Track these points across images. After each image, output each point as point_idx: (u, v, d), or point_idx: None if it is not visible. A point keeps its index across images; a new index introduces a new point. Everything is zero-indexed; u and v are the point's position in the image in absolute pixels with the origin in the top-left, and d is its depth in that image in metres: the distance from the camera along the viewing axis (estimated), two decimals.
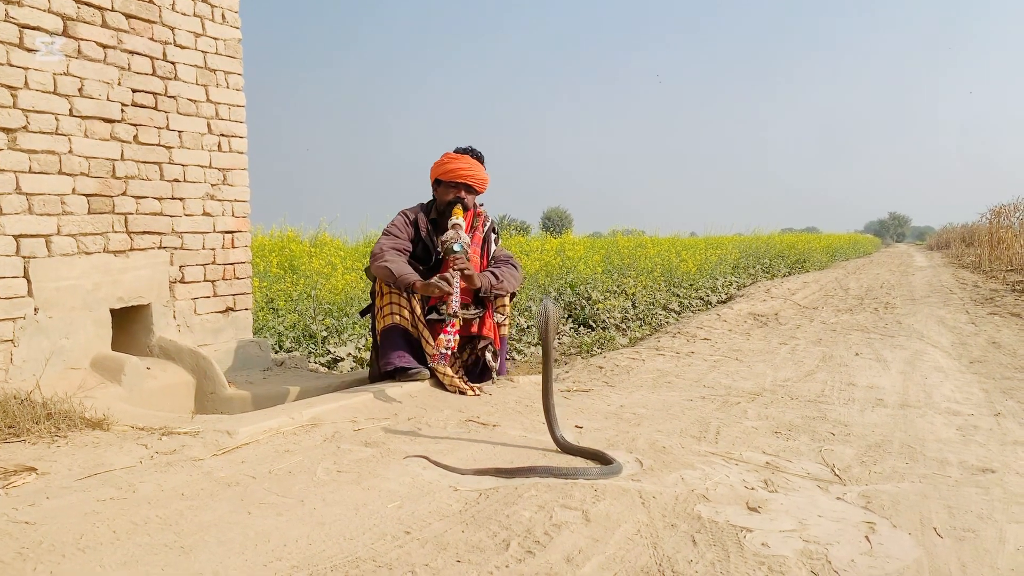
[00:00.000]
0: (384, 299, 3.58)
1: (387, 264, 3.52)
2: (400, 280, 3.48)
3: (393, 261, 3.54)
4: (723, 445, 2.74)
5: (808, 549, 1.81)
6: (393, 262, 3.53)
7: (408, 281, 3.47)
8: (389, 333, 3.54)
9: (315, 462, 2.41)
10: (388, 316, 3.54)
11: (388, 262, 3.53)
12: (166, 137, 3.86)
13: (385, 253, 3.58)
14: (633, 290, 9.01)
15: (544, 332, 2.63)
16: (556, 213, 51.08)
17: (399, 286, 3.50)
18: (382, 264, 3.53)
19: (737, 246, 16.82)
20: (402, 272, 3.50)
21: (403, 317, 3.53)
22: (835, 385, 3.97)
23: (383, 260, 3.54)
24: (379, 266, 3.54)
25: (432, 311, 3.59)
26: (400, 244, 3.67)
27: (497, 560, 1.72)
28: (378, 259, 3.56)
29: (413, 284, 3.46)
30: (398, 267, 3.52)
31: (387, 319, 3.54)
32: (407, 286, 3.48)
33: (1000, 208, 18.01)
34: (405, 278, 3.47)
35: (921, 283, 12.28)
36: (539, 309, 2.64)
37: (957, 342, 5.63)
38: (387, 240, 3.66)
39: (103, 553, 1.71)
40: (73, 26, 3.41)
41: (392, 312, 3.54)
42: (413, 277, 3.48)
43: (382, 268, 3.53)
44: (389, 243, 3.64)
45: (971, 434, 2.98)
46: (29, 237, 3.26)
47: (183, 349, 3.79)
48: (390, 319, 3.54)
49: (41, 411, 2.73)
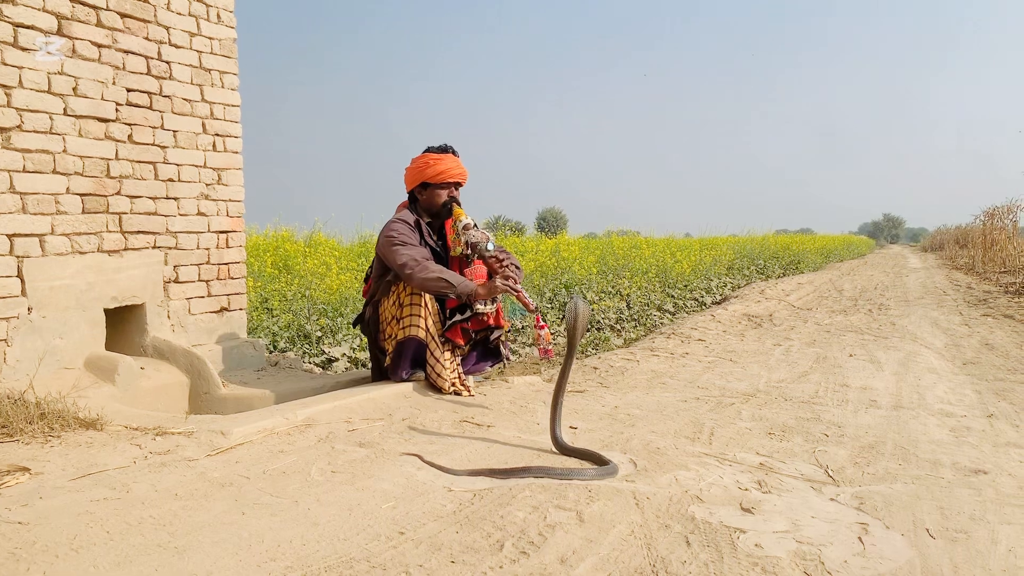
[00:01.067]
0: (405, 309, 3.48)
1: (439, 273, 3.39)
2: (461, 288, 3.38)
3: (443, 270, 3.43)
4: (717, 446, 2.75)
5: (801, 550, 1.82)
6: (443, 271, 3.42)
7: (470, 288, 3.39)
8: (410, 343, 3.47)
9: (309, 462, 2.41)
10: (409, 327, 3.46)
11: (440, 271, 3.40)
12: (161, 137, 3.85)
13: (427, 263, 3.43)
14: (628, 291, 9.02)
15: (572, 330, 2.64)
16: (551, 214, 51.10)
17: (459, 293, 3.39)
18: (433, 275, 3.38)
19: (731, 247, 16.85)
20: (459, 279, 3.41)
21: (423, 329, 3.46)
22: (829, 386, 3.98)
23: (430, 271, 3.39)
24: (431, 277, 3.37)
25: (455, 312, 3.54)
26: (425, 252, 3.53)
27: (491, 561, 1.72)
28: (423, 270, 3.39)
29: (475, 291, 3.40)
30: (452, 275, 3.42)
31: (408, 330, 3.46)
32: (470, 292, 3.40)
33: (994, 210, 18.07)
34: (465, 285, 3.39)
35: (915, 284, 12.32)
36: (569, 306, 2.64)
37: (950, 344, 5.65)
38: (412, 250, 3.47)
39: (97, 553, 1.70)
40: (68, 25, 3.40)
41: (413, 324, 3.46)
42: (472, 283, 3.42)
43: (436, 278, 3.37)
44: (418, 252, 3.47)
45: (964, 435, 2.99)
46: (23, 236, 3.25)
47: (177, 349, 3.79)
48: (412, 330, 3.45)
49: (35, 411, 2.72)
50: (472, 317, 3.52)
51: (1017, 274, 12.65)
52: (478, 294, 3.42)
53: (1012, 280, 11.70)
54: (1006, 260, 15.46)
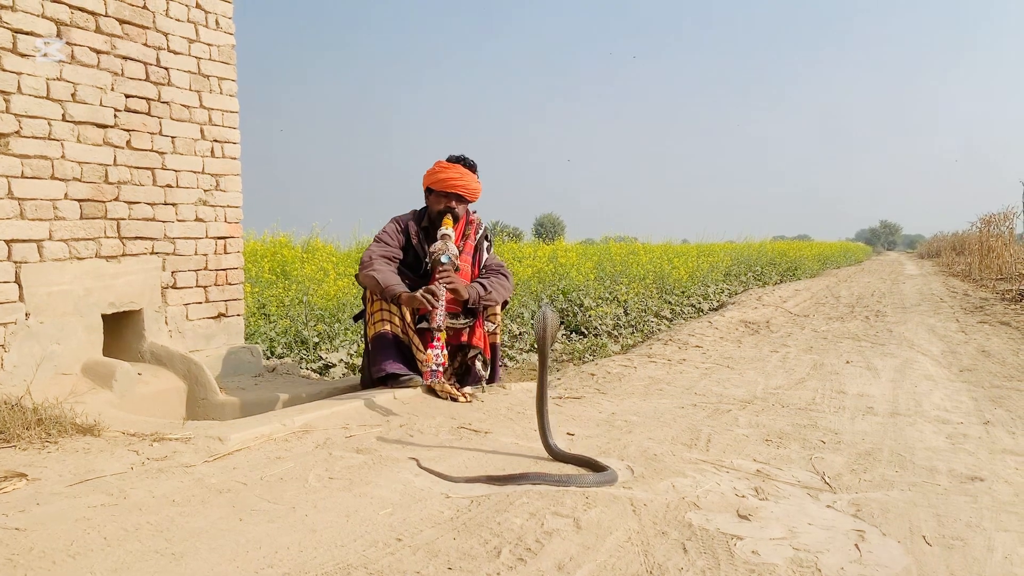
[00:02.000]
0: (375, 306, 3.58)
1: (374, 273, 3.51)
2: (386, 291, 3.47)
3: (380, 270, 3.53)
4: (714, 453, 2.75)
5: (798, 557, 1.82)
6: (380, 271, 3.52)
7: (394, 292, 3.46)
8: (380, 340, 3.54)
9: (307, 469, 2.41)
10: (379, 323, 3.54)
11: (376, 271, 3.52)
12: (159, 143, 3.86)
13: (374, 261, 3.57)
14: (625, 297, 9.03)
15: (542, 339, 2.62)
16: (549, 220, 51.15)
17: (385, 297, 3.50)
18: (369, 273, 3.53)
19: (729, 253, 16.87)
20: (388, 283, 3.48)
21: (393, 324, 3.53)
22: (826, 393, 3.99)
23: (371, 269, 3.53)
24: (366, 275, 3.54)
25: (422, 320, 3.57)
26: (390, 252, 3.66)
27: (488, 567, 1.72)
28: (367, 267, 3.55)
29: (399, 296, 3.45)
30: (385, 277, 3.50)
31: (377, 326, 3.54)
32: (393, 297, 3.47)
33: (990, 217, 18.10)
34: (391, 289, 3.46)
35: (911, 291, 12.34)
36: (538, 316, 2.63)
37: (947, 350, 5.66)
38: (377, 248, 3.65)
39: (94, 560, 1.70)
40: (66, 31, 3.41)
41: (383, 319, 3.54)
42: (399, 288, 3.46)
43: (369, 277, 3.52)
44: (379, 251, 3.63)
45: (960, 442, 3.00)
46: (21, 242, 3.25)
47: (175, 355, 3.79)
48: (381, 326, 3.54)
49: (32, 417, 2.72)
50: (427, 330, 3.47)
51: (1013, 281, 12.69)
52: (401, 299, 3.46)
53: (1008, 287, 11.72)
54: (1003, 267, 15.49)
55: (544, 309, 2.63)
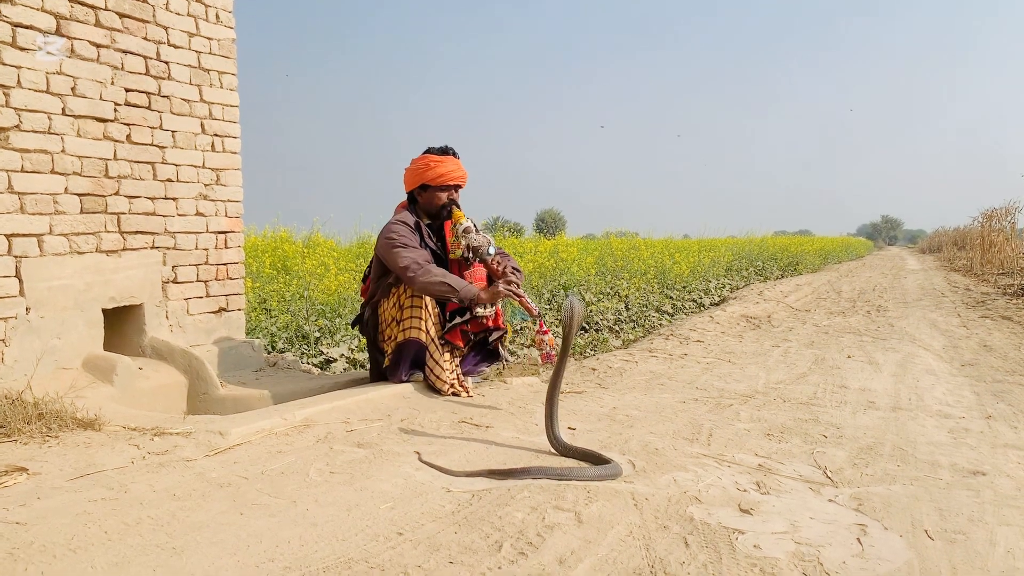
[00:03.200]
0: (406, 312, 3.47)
1: (442, 278, 3.38)
2: (464, 292, 3.39)
3: (446, 273, 3.43)
4: (716, 447, 2.75)
5: (800, 551, 1.82)
6: (447, 275, 3.42)
7: (472, 292, 3.41)
8: (409, 346, 3.46)
9: (308, 463, 2.41)
10: (410, 329, 3.45)
11: (443, 275, 3.40)
12: (159, 137, 3.85)
13: (429, 266, 3.43)
14: (626, 292, 9.02)
15: (568, 328, 2.64)
16: (550, 215, 51.09)
17: (462, 297, 3.40)
18: (436, 279, 3.38)
19: (730, 248, 16.86)
20: (462, 284, 3.41)
21: (423, 331, 3.45)
22: (827, 388, 3.98)
23: (433, 275, 3.39)
24: (434, 281, 3.38)
25: (455, 315, 3.53)
26: (426, 255, 3.52)
27: (490, 561, 1.72)
28: (425, 274, 3.39)
29: (477, 296, 3.42)
30: (455, 279, 3.42)
31: (409, 332, 3.45)
32: (472, 296, 3.41)
33: (992, 212, 18.07)
34: (468, 289, 3.40)
35: (913, 286, 12.33)
36: (565, 305, 2.64)
37: (949, 345, 5.66)
38: (413, 252, 3.46)
39: (94, 554, 1.70)
40: (66, 25, 3.40)
41: (413, 326, 3.45)
42: (474, 288, 3.43)
43: (439, 282, 3.38)
44: (418, 255, 3.46)
45: (962, 437, 2.99)
46: (21, 236, 3.25)
47: (175, 349, 3.78)
48: (412, 332, 3.45)
49: (32, 411, 2.72)
50: (472, 320, 3.52)
51: (1015, 276, 12.67)
52: (480, 298, 3.43)
53: (1010, 282, 11.71)
54: (1004, 262, 15.47)
55: (571, 298, 2.65)
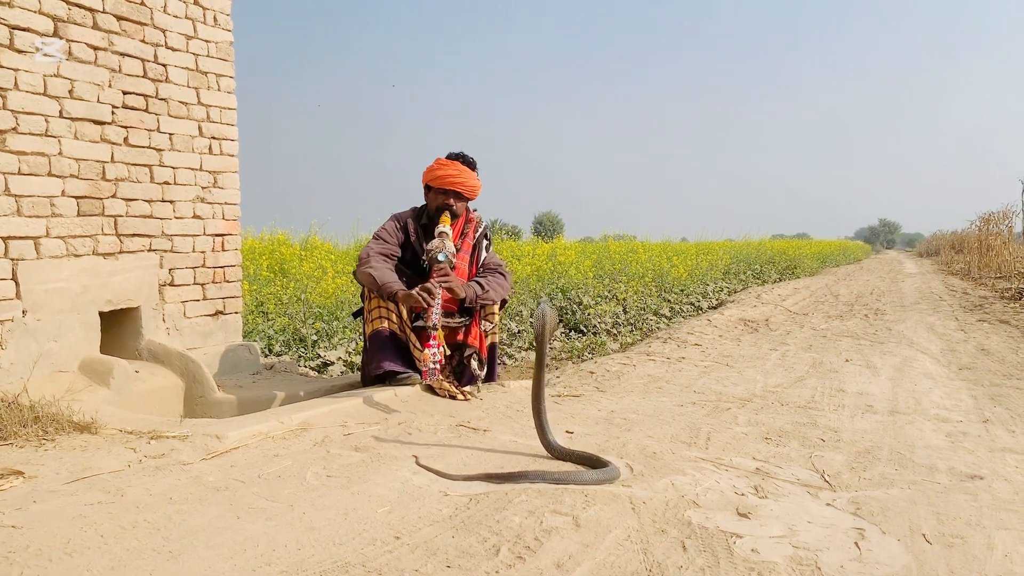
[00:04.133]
0: (372, 303, 3.57)
1: (371, 271, 3.51)
2: (383, 288, 3.47)
3: (377, 268, 3.53)
4: (713, 451, 2.75)
5: (798, 555, 1.81)
6: (377, 269, 3.52)
7: (391, 290, 3.46)
8: (377, 337, 3.53)
9: (305, 467, 2.41)
10: (376, 320, 3.53)
11: (373, 268, 3.52)
12: (156, 139, 3.84)
13: (371, 259, 3.57)
14: (624, 295, 9.02)
15: (540, 336, 2.62)
16: (548, 218, 51.05)
17: (382, 294, 3.49)
18: (367, 270, 3.52)
19: (728, 252, 16.86)
20: (385, 280, 3.48)
21: (391, 321, 3.52)
22: (825, 391, 3.98)
23: (368, 266, 3.53)
24: (364, 272, 3.53)
25: (418, 318, 3.55)
26: (388, 249, 3.65)
27: (487, 566, 1.71)
28: (364, 264, 3.55)
29: (395, 293, 3.45)
30: (382, 275, 3.50)
31: (375, 323, 3.53)
32: (389, 295, 3.47)
33: (989, 215, 18.09)
34: (388, 287, 3.46)
35: (911, 290, 12.34)
36: (536, 313, 2.63)
37: (946, 349, 5.66)
38: (376, 245, 3.65)
39: (90, 557, 1.69)
40: (64, 27, 3.39)
41: (380, 316, 3.53)
42: (396, 286, 3.46)
43: (366, 274, 3.52)
44: (377, 248, 3.63)
45: (960, 441, 2.99)
46: (18, 239, 3.24)
47: (172, 352, 3.77)
48: (378, 323, 3.53)
49: (29, 414, 2.71)
50: (423, 329, 3.45)
51: (1012, 280, 12.68)
52: (397, 297, 3.46)
53: (1008, 286, 11.72)
54: (1002, 266, 15.48)
55: (543, 306, 2.62)
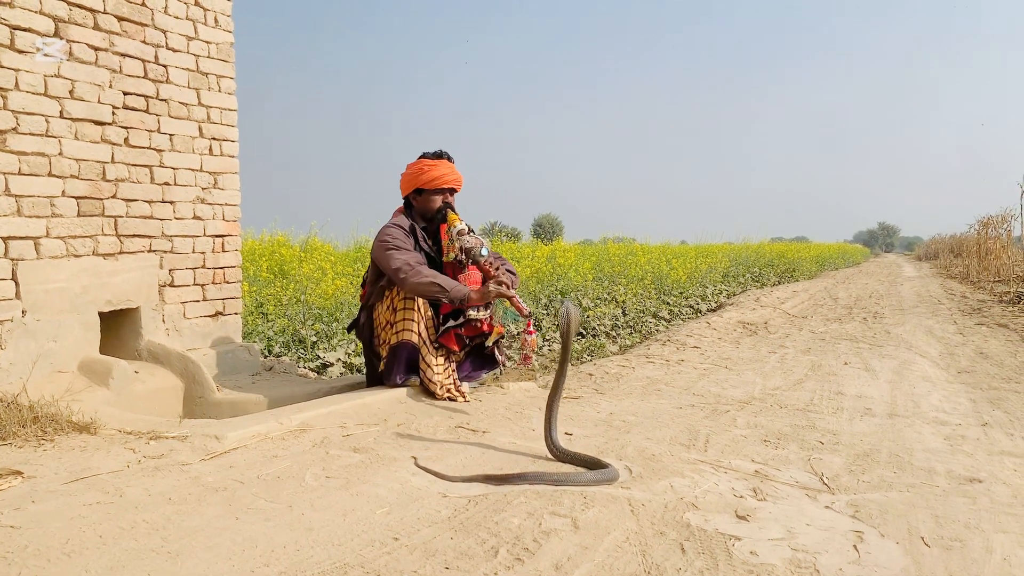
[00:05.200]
0: (399, 314, 3.49)
1: (432, 279, 3.42)
2: (454, 292, 3.41)
3: (436, 274, 3.46)
4: (712, 453, 2.75)
5: (796, 558, 1.81)
6: (437, 275, 3.45)
7: (463, 293, 3.43)
8: (404, 347, 3.47)
9: (304, 468, 2.41)
10: (403, 332, 3.46)
11: (433, 276, 3.43)
12: (157, 140, 3.84)
13: (420, 268, 3.46)
14: (623, 298, 9.03)
15: (566, 334, 2.64)
16: (547, 220, 51.05)
17: (452, 297, 3.42)
18: (426, 280, 3.41)
19: (727, 255, 16.88)
20: (452, 284, 3.44)
21: (419, 334, 3.46)
22: (824, 394, 3.98)
23: (424, 276, 3.42)
24: (424, 282, 3.41)
25: (449, 318, 3.52)
26: (419, 257, 3.55)
27: (486, 567, 1.71)
28: (416, 275, 3.42)
29: (468, 296, 3.43)
30: (445, 280, 3.45)
31: (403, 334, 3.46)
32: (463, 297, 3.43)
33: (988, 219, 18.10)
34: (458, 289, 3.43)
35: (909, 293, 12.35)
36: (561, 311, 2.65)
37: (945, 352, 5.66)
38: (406, 255, 3.50)
39: (89, 558, 1.69)
40: (64, 28, 3.40)
41: (406, 328, 3.46)
42: (465, 288, 3.45)
43: (428, 283, 3.41)
44: (411, 257, 3.50)
45: (959, 444, 3.00)
46: (18, 239, 3.24)
47: (172, 353, 3.77)
48: (404, 335, 3.46)
49: (28, 414, 2.71)
50: (466, 323, 3.51)
51: (1011, 283, 12.69)
52: (471, 299, 3.44)
53: (1006, 289, 11.73)
54: (1000, 269, 15.49)
55: (567, 304, 2.65)
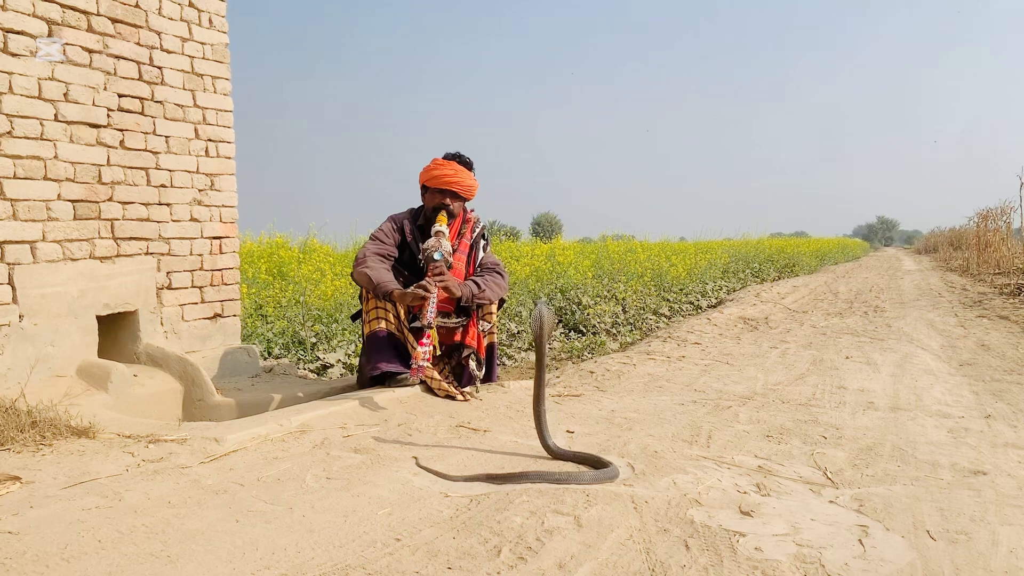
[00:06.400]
0: (370, 303, 3.56)
1: (367, 271, 3.51)
2: (379, 287, 3.47)
3: (374, 268, 3.53)
4: (715, 449, 2.73)
5: (801, 553, 1.80)
6: (374, 269, 3.52)
7: (386, 289, 3.46)
8: (375, 338, 3.51)
9: (304, 469, 2.39)
10: (374, 321, 3.52)
11: (369, 268, 3.52)
12: (153, 142, 3.83)
13: (368, 259, 3.57)
14: (623, 295, 9.01)
15: (538, 337, 2.60)
16: (546, 219, 51.03)
17: (378, 294, 3.49)
18: (363, 270, 3.52)
19: (727, 251, 16.85)
20: (381, 279, 3.48)
21: (388, 321, 3.50)
22: (826, 388, 3.97)
23: (364, 266, 3.53)
24: (360, 272, 3.54)
25: (415, 319, 3.54)
26: (385, 250, 3.66)
27: (488, 567, 1.70)
28: (360, 264, 3.55)
29: (391, 292, 3.45)
30: (378, 274, 3.50)
31: (372, 324, 3.52)
32: (385, 294, 3.46)
33: (987, 211, 18.09)
34: (384, 286, 3.46)
35: (910, 287, 12.34)
36: (533, 314, 2.62)
37: (946, 345, 5.65)
38: (372, 246, 3.65)
39: (88, 563, 1.68)
40: (58, 30, 3.38)
41: (378, 316, 3.51)
42: (392, 285, 3.46)
43: (362, 274, 3.52)
44: (374, 248, 3.63)
45: (962, 436, 2.98)
46: (14, 243, 3.22)
47: (170, 356, 3.76)
48: (376, 324, 3.51)
49: (26, 419, 2.69)
50: (420, 329, 3.42)
51: (1011, 275, 12.68)
52: (393, 296, 3.45)
53: (1006, 281, 11.72)
54: (1000, 262, 15.48)
55: (539, 306, 2.61)
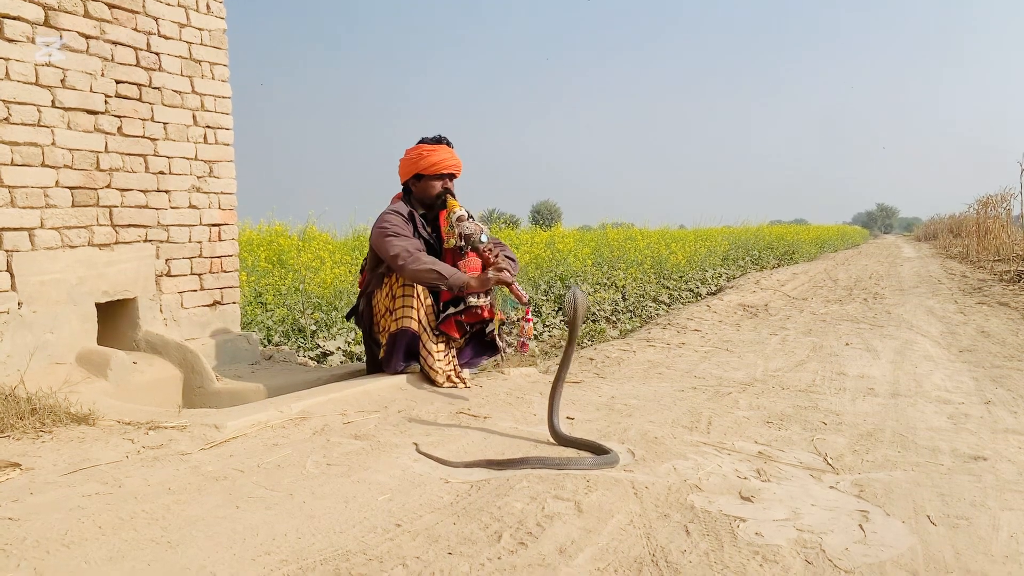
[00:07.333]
0: (398, 301, 3.46)
1: (431, 266, 3.38)
2: (453, 280, 3.38)
3: (435, 262, 3.42)
4: (715, 435, 2.73)
5: (802, 538, 1.80)
6: (436, 263, 3.41)
7: (462, 280, 3.39)
8: (401, 337, 3.45)
9: (304, 455, 2.39)
10: (402, 319, 3.44)
11: (432, 263, 3.40)
12: (151, 129, 3.81)
13: (419, 254, 3.43)
14: (623, 282, 9.01)
15: (572, 320, 2.63)
16: (546, 207, 51.00)
17: (451, 285, 3.39)
18: (425, 266, 3.38)
19: (726, 238, 16.84)
20: (451, 271, 3.40)
21: (416, 320, 3.44)
22: (826, 375, 3.97)
23: (422, 263, 3.39)
24: (423, 269, 3.38)
25: (449, 305, 3.49)
26: (418, 243, 3.52)
27: (489, 552, 1.70)
28: (415, 261, 3.39)
29: (468, 283, 3.40)
30: (444, 266, 3.41)
31: (401, 321, 3.44)
32: (462, 284, 3.39)
33: (987, 198, 18.07)
34: (458, 277, 3.39)
35: (910, 273, 12.33)
36: (568, 297, 2.63)
37: (946, 331, 5.65)
38: (405, 241, 3.47)
39: (88, 549, 1.68)
40: (55, 16, 3.35)
41: (405, 315, 3.44)
42: (464, 275, 3.41)
43: (427, 270, 3.38)
44: (410, 244, 3.47)
45: (962, 422, 2.98)
46: (12, 230, 3.21)
47: (170, 343, 3.76)
48: (405, 322, 3.44)
49: (25, 406, 2.69)
50: (466, 310, 3.48)
51: (1011, 262, 12.67)
52: (470, 286, 3.41)
53: (1006, 268, 11.71)
54: (1000, 248, 15.47)
55: (574, 289, 2.63)
